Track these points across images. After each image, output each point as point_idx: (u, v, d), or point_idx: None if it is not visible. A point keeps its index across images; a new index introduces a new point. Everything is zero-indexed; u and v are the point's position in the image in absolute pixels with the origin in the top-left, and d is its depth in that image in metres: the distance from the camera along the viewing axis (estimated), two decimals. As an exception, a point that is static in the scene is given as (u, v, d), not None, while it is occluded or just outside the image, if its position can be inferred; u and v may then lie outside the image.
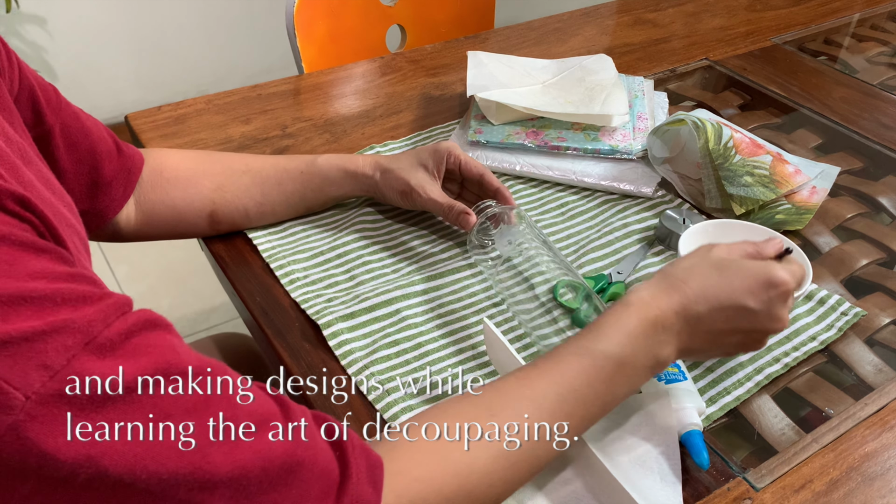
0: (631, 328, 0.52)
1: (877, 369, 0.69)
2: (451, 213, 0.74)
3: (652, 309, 0.53)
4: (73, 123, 0.64)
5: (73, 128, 0.64)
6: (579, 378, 0.50)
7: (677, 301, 0.54)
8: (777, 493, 0.58)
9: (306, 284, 0.74)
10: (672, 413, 0.59)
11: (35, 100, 0.59)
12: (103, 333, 0.35)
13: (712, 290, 0.54)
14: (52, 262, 0.35)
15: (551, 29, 1.27)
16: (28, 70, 0.60)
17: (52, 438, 0.32)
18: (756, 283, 0.54)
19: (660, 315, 0.53)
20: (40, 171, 0.49)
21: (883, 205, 0.91)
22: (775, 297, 0.54)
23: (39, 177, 0.48)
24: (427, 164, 0.76)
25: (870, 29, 1.35)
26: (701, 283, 0.54)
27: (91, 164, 0.66)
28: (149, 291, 1.90)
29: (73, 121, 0.64)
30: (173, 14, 2.32)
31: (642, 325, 0.52)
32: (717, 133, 0.84)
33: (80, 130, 0.64)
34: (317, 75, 1.12)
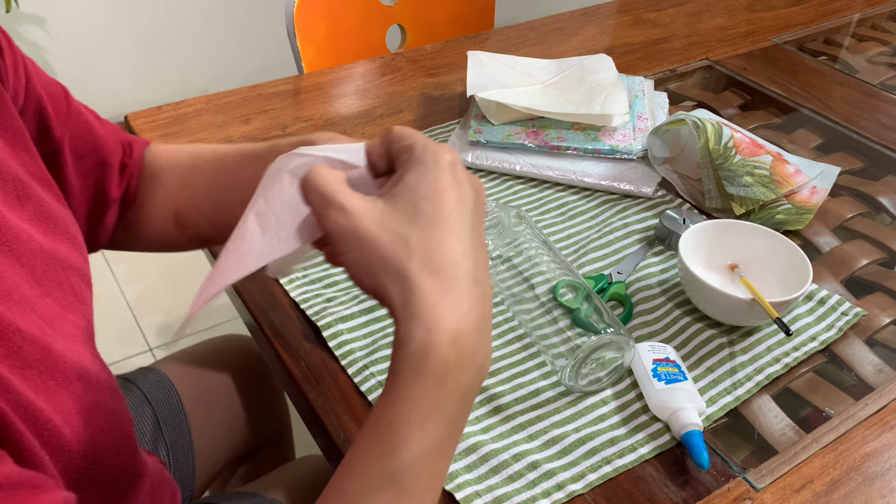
0: (434, 402, 0.37)
1: (877, 369, 0.69)
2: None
3: (445, 348, 0.37)
4: (83, 135, 0.59)
5: (82, 139, 0.59)
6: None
7: (442, 290, 0.37)
8: (777, 494, 0.58)
9: (305, 284, 0.74)
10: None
11: (42, 112, 0.55)
12: None
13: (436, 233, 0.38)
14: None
15: (551, 29, 1.27)
16: (37, 78, 0.55)
17: None
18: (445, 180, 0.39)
19: (455, 341, 0.37)
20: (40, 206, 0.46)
21: (883, 205, 0.91)
22: (461, 171, 0.41)
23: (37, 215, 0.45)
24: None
25: (870, 29, 1.35)
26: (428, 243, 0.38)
27: (98, 179, 0.61)
28: (149, 291, 1.90)
29: (84, 132, 0.59)
30: (173, 14, 2.32)
31: (447, 384, 0.37)
32: (718, 133, 0.84)
33: (89, 143, 0.59)
34: (317, 75, 1.12)
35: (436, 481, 0.39)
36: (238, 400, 0.89)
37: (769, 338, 0.71)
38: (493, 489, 0.57)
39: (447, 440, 0.38)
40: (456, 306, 0.37)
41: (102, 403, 0.42)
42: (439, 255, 0.38)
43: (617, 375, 0.65)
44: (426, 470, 0.38)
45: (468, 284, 0.38)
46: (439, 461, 0.38)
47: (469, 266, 0.38)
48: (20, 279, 0.42)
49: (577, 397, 0.64)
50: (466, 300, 0.38)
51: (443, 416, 0.37)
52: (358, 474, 0.38)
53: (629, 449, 0.61)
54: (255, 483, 0.78)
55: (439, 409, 0.37)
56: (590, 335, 0.61)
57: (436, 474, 0.39)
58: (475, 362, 0.38)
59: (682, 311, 0.73)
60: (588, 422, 0.63)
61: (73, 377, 0.40)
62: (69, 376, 0.40)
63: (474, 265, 0.39)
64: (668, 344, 0.69)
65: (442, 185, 0.39)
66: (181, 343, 1.76)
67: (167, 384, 0.82)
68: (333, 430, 0.61)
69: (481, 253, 0.40)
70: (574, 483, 0.58)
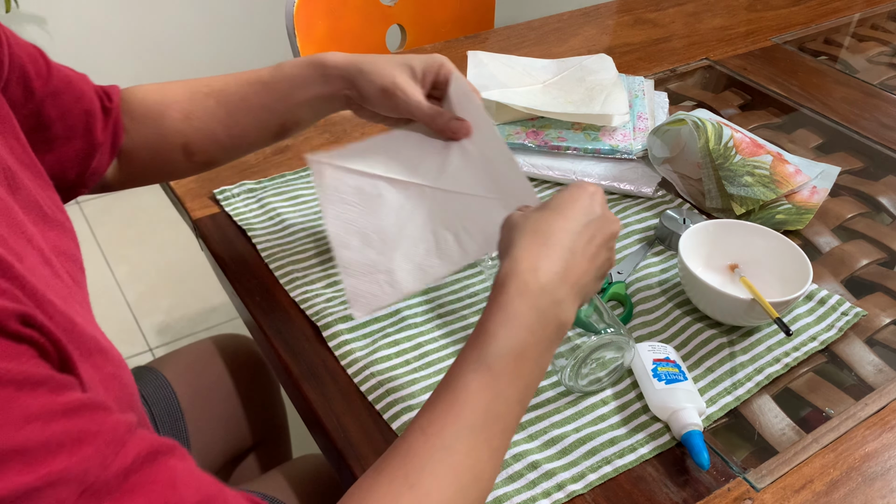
0: (515, 310, 0.48)
1: (877, 369, 0.69)
2: (439, 120, 0.64)
3: (527, 276, 0.49)
4: (64, 89, 0.61)
5: (64, 94, 0.61)
6: (485, 397, 0.46)
7: (540, 250, 0.50)
8: (777, 494, 0.58)
9: (305, 284, 0.74)
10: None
11: (26, 77, 0.57)
12: (101, 477, 0.33)
13: (561, 222, 0.51)
14: (49, 396, 0.33)
15: (551, 29, 1.27)
16: (17, 46, 0.57)
17: None
18: (584, 198, 0.53)
19: (538, 277, 0.49)
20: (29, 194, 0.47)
21: (883, 205, 0.91)
22: (598, 202, 0.53)
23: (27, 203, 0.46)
24: (415, 67, 0.66)
25: (870, 29, 1.35)
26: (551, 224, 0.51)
27: (84, 128, 0.63)
28: (149, 291, 1.90)
29: (65, 85, 0.62)
30: (173, 14, 2.32)
31: (527, 300, 0.48)
32: (718, 133, 0.84)
33: (71, 95, 0.62)
34: (317, 75, 1.11)
35: (520, 380, 0.48)
36: (235, 398, 0.89)
37: (769, 338, 0.71)
38: (493, 489, 0.57)
39: (527, 347, 0.48)
40: (543, 255, 0.50)
41: (119, 376, 0.43)
42: (546, 227, 0.51)
43: (617, 375, 0.65)
44: (511, 363, 0.47)
45: (561, 250, 0.50)
46: (522, 362, 0.48)
47: (568, 243, 0.50)
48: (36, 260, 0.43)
49: (577, 397, 0.64)
50: (554, 256, 0.50)
51: (522, 324, 0.48)
52: (457, 363, 0.48)
53: (629, 449, 0.61)
54: (255, 481, 0.78)
55: (519, 317, 0.48)
56: (590, 335, 0.61)
57: (520, 373, 0.48)
58: (553, 294, 0.49)
59: (682, 311, 0.73)
60: (588, 422, 0.63)
61: (93, 350, 0.41)
62: (91, 349, 0.41)
63: (574, 246, 0.51)
64: (668, 344, 0.69)
65: (575, 197, 0.53)
66: (181, 342, 1.76)
67: (164, 383, 0.82)
68: (333, 429, 0.61)
69: (589, 250, 0.52)
70: (574, 483, 0.58)
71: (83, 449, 0.32)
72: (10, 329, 0.32)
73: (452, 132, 0.65)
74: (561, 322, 0.50)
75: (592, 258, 0.52)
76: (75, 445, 0.32)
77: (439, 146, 0.66)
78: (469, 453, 0.45)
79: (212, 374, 0.88)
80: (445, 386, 0.48)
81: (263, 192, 0.86)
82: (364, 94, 0.66)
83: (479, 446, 0.46)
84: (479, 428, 0.46)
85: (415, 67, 0.66)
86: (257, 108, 0.69)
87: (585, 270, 0.51)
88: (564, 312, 0.50)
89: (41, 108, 0.60)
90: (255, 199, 0.85)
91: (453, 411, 0.46)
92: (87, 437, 0.33)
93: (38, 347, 0.34)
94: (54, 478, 0.31)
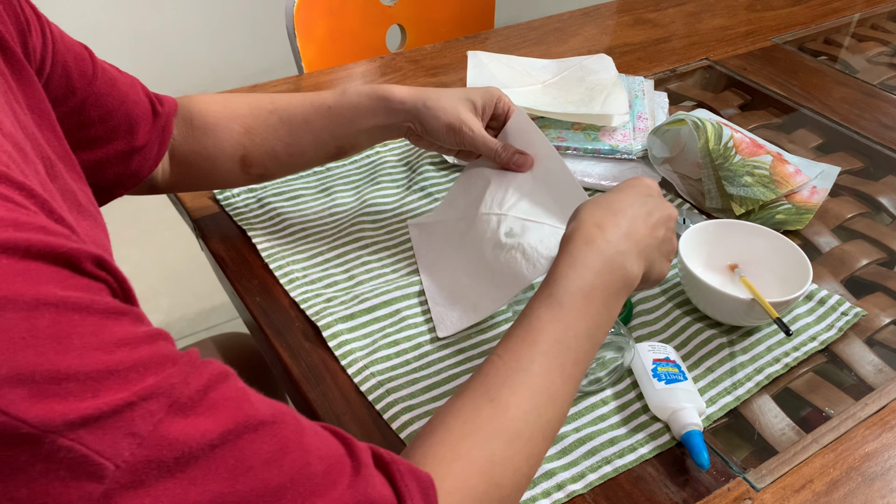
0: (582, 255, 0.54)
1: (877, 369, 0.69)
2: (504, 155, 0.72)
3: (591, 228, 0.55)
4: (107, 91, 0.63)
5: (107, 96, 0.63)
6: (556, 328, 0.51)
7: (604, 212, 0.57)
8: (777, 494, 0.58)
9: (305, 284, 0.74)
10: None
11: (68, 74, 0.59)
12: (184, 393, 0.35)
13: (619, 199, 0.58)
14: (132, 325, 0.35)
15: (551, 29, 1.27)
16: (62, 44, 0.59)
17: (141, 501, 0.33)
18: (639, 189, 0.60)
19: (602, 231, 0.55)
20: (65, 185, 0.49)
21: (883, 205, 0.91)
22: (651, 188, 0.61)
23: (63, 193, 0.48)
24: (475, 102, 0.72)
25: (870, 29, 1.35)
26: (611, 201, 0.58)
27: (126, 131, 0.65)
28: (149, 291, 1.90)
29: (109, 88, 0.63)
30: (173, 14, 2.32)
31: (592, 247, 0.54)
32: (717, 133, 0.84)
33: (115, 98, 0.64)
34: (317, 75, 1.12)
35: (589, 317, 0.52)
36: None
37: (769, 338, 0.71)
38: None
39: (594, 288, 0.53)
40: (608, 217, 0.56)
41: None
42: (607, 200, 0.58)
43: (617, 375, 0.65)
44: (580, 299, 0.52)
45: (622, 215, 0.56)
46: (590, 301, 0.53)
47: (629, 211, 0.56)
48: None
49: (577, 397, 0.64)
50: (617, 218, 0.56)
51: (589, 267, 0.53)
52: (531, 303, 0.53)
53: (629, 449, 0.61)
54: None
55: (586, 261, 0.53)
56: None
57: (588, 310, 0.52)
58: (617, 246, 0.54)
59: (682, 311, 0.73)
60: (588, 422, 0.63)
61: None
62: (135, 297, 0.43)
63: (635, 214, 0.56)
64: (668, 344, 0.69)
65: (633, 184, 0.60)
66: (181, 342, 1.76)
67: None
68: (333, 430, 0.61)
69: (649, 220, 0.57)
70: (574, 483, 0.58)
71: (167, 368, 0.35)
72: (87, 269, 0.34)
73: (517, 166, 0.72)
74: (626, 272, 0.54)
75: (653, 228, 0.57)
76: (160, 366, 0.35)
77: (506, 176, 0.73)
78: (544, 375, 0.50)
79: None
80: (520, 321, 0.52)
81: (263, 191, 0.86)
82: (429, 129, 0.72)
83: (552, 370, 0.50)
84: (552, 354, 0.50)
85: (476, 102, 0.72)
86: (318, 129, 0.73)
87: (646, 235, 0.56)
88: (629, 264, 0.54)
89: (82, 108, 0.61)
90: (255, 199, 0.85)
91: (529, 339, 0.51)
92: (169, 358, 0.36)
93: (111, 287, 0.36)
94: (146, 392, 0.33)
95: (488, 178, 0.74)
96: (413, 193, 0.86)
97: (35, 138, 0.47)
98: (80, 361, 0.32)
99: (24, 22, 0.53)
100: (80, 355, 0.32)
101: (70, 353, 0.31)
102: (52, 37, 0.57)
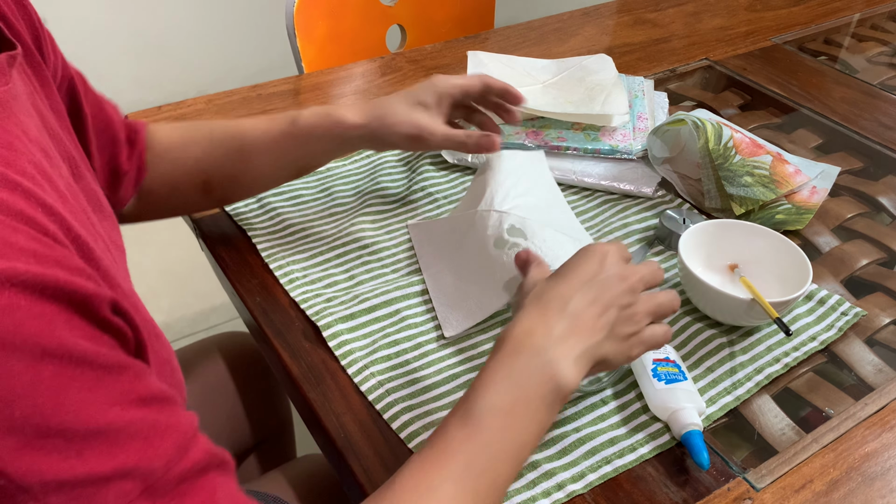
0: (508, 368, 0.49)
1: (877, 369, 0.69)
2: (470, 142, 0.71)
3: (522, 337, 0.50)
4: (97, 113, 0.63)
5: (98, 116, 0.63)
6: (470, 448, 0.47)
7: (539, 314, 0.51)
8: (777, 494, 0.58)
9: (305, 284, 0.74)
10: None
11: (73, 89, 0.59)
12: (161, 479, 0.35)
13: (563, 287, 0.53)
14: (131, 383, 0.35)
15: (551, 29, 1.27)
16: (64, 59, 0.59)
17: None
18: (591, 259, 0.54)
19: (533, 338, 0.50)
20: (88, 184, 0.49)
21: (883, 205, 0.91)
22: (612, 259, 0.54)
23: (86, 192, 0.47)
24: (426, 101, 0.71)
25: (870, 29, 1.35)
26: (551, 290, 0.53)
27: (112, 154, 0.65)
28: (149, 291, 1.90)
29: (98, 110, 0.63)
30: (173, 14, 2.32)
31: (520, 359, 0.50)
32: (717, 133, 0.84)
33: (102, 121, 0.64)
34: (317, 75, 1.12)
35: (509, 435, 0.48)
36: (238, 397, 0.89)
37: (769, 338, 0.71)
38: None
39: (517, 404, 0.48)
40: (540, 320, 0.51)
41: (170, 361, 0.44)
42: (546, 293, 0.53)
43: (617, 375, 0.65)
44: (500, 418, 0.48)
45: (558, 313, 0.51)
46: (512, 418, 0.48)
47: (566, 307, 0.51)
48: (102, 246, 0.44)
49: (577, 397, 0.64)
50: (551, 320, 0.51)
51: (513, 380, 0.49)
52: (450, 414, 0.50)
53: (629, 449, 0.61)
54: (257, 481, 0.78)
55: (511, 373, 0.49)
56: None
57: (509, 428, 0.48)
58: (546, 354, 0.49)
59: (682, 311, 0.73)
60: (588, 422, 0.63)
61: (152, 334, 0.42)
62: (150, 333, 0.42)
63: (574, 310, 0.51)
64: (668, 344, 0.69)
65: (579, 262, 0.54)
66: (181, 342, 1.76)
67: None
68: (333, 429, 0.61)
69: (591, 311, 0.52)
70: (574, 483, 0.58)
71: (154, 442, 0.34)
72: (102, 315, 0.34)
73: (485, 149, 0.71)
74: (559, 381, 0.49)
75: (598, 317, 0.51)
76: (147, 439, 0.34)
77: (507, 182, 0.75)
78: (452, 500, 0.46)
79: (215, 374, 0.88)
80: (433, 438, 0.49)
81: (263, 192, 0.86)
82: (390, 143, 0.72)
83: (464, 495, 0.46)
84: (463, 479, 0.46)
85: (426, 100, 0.71)
86: (277, 154, 0.73)
87: (589, 329, 0.51)
88: (563, 371, 0.49)
89: (85, 127, 0.61)
90: (255, 200, 0.85)
91: (440, 459, 0.47)
92: (158, 430, 0.35)
93: (122, 335, 0.36)
94: (125, 470, 0.33)
95: (487, 180, 0.75)
96: (413, 193, 0.86)
97: (60, 138, 0.47)
98: (73, 418, 0.31)
99: (38, 30, 0.53)
100: (75, 411, 0.31)
101: (64, 408, 0.31)
102: (58, 51, 0.57)
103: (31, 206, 0.34)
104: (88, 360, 0.32)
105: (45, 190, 0.36)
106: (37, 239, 0.33)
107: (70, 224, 0.36)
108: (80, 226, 0.38)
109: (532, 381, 0.49)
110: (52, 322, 0.31)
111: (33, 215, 0.33)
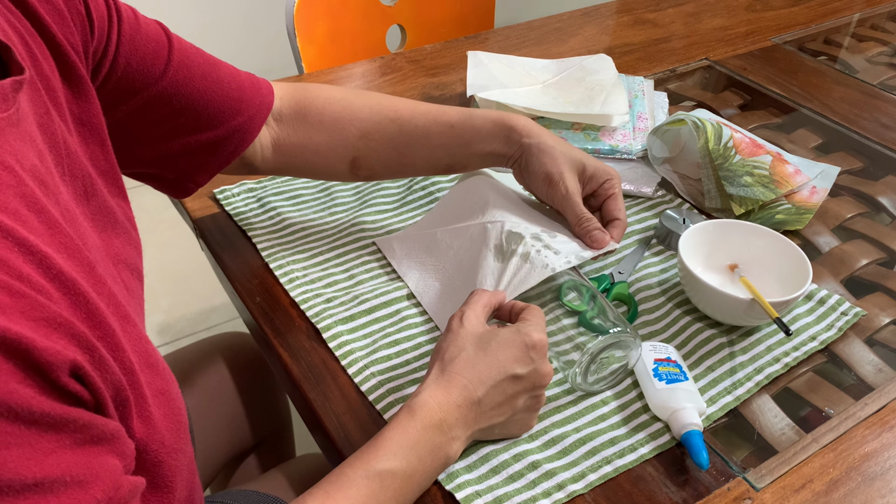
0: (415, 438, 0.53)
1: (877, 369, 0.69)
2: (585, 224, 0.69)
3: (435, 412, 0.54)
4: (186, 82, 0.63)
5: (187, 87, 0.63)
6: (366, 502, 0.51)
7: (457, 394, 0.55)
8: (777, 493, 0.58)
9: (305, 284, 0.74)
10: None
11: (130, 75, 0.58)
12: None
13: (485, 371, 0.56)
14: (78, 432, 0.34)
15: (551, 29, 1.27)
16: (132, 43, 0.57)
17: None
18: (518, 350, 0.57)
19: (444, 417, 0.54)
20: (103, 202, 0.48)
21: (883, 205, 0.91)
22: (536, 356, 0.57)
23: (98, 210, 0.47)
24: (587, 167, 0.70)
25: (870, 29, 1.35)
26: (472, 368, 0.56)
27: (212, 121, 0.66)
28: (149, 291, 1.89)
29: (188, 80, 0.63)
30: (173, 14, 2.32)
31: (427, 433, 0.54)
32: (717, 133, 0.84)
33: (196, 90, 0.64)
34: (317, 75, 1.12)
35: (401, 498, 0.53)
36: (238, 397, 0.89)
37: (769, 338, 0.71)
38: (493, 489, 0.57)
39: (415, 473, 0.53)
40: (444, 392, 0.55)
41: (167, 391, 0.43)
42: (460, 367, 0.56)
43: (622, 375, 0.65)
44: (399, 482, 0.52)
45: (470, 400, 0.55)
46: (408, 484, 0.53)
47: (476, 387, 0.55)
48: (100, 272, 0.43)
49: (577, 397, 0.65)
50: (454, 393, 0.55)
51: (419, 452, 0.53)
52: (353, 459, 0.53)
53: (629, 449, 0.61)
54: (257, 481, 0.78)
55: (418, 445, 0.53)
56: (597, 335, 0.61)
57: (403, 492, 0.53)
58: (450, 432, 0.55)
59: (682, 311, 0.73)
60: (588, 422, 0.63)
61: (144, 365, 0.41)
62: (143, 364, 0.42)
63: (490, 404, 0.56)
64: (669, 344, 0.69)
65: (509, 348, 0.57)
66: (181, 342, 1.76)
67: None
68: (333, 429, 0.61)
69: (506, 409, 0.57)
70: (574, 483, 0.58)
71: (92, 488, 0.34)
72: (56, 379, 0.33)
73: (593, 241, 0.68)
74: (447, 460, 0.55)
75: (504, 412, 0.57)
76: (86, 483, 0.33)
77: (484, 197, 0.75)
78: None
79: (215, 374, 0.88)
80: (337, 484, 0.51)
81: (264, 191, 0.86)
82: (528, 170, 0.70)
83: None
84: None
85: (587, 167, 0.70)
86: (435, 146, 0.72)
87: (494, 418, 0.57)
88: (454, 451, 0.55)
89: (151, 104, 0.60)
90: (255, 199, 0.85)
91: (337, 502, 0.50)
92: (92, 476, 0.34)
93: (77, 399, 0.35)
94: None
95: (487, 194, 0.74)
96: (413, 193, 0.86)
97: (76, 156, 0.46)
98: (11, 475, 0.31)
99: (86, 23, 0.51)
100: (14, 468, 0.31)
101: (4, 466, 0.30)
102: (118, 37, 0.56)
103: (7, 246, 0.33)
104: (35, 418, 0.32)
105: (28, 226, 0.36)
106: (5, 287, 0.32)
107: (52, 262, 0.35)
108: (70, 260, 0.37)
109: (432, 456, 0.54)
110: (5, 379, 0.30)
111: (6, 257, 0.33)
